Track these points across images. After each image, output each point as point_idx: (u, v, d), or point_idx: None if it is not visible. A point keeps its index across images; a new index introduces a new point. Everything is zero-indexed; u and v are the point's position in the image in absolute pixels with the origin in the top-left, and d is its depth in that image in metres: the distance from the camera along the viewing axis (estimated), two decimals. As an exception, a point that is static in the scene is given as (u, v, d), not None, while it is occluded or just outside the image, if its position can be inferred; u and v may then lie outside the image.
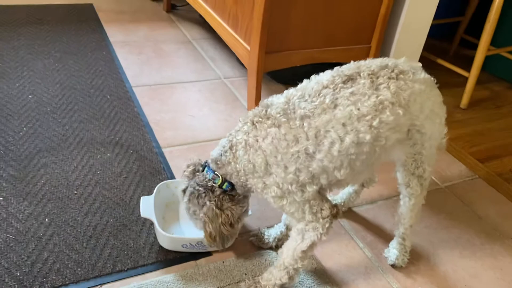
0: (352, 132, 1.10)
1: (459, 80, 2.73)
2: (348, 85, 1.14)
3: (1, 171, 1.63)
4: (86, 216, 1.50)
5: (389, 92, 1.13)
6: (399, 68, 1.18)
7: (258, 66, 2.05)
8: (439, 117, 1.27)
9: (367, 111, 1.11)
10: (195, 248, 1.39)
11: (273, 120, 1.14)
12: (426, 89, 1.21)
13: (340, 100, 1.12)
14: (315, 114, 1.11)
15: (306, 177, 1.13)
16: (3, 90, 2.09)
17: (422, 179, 1.34)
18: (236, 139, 1.19)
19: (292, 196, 1.16)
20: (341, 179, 1.16)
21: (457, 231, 1.68)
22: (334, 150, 1.10)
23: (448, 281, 1.46)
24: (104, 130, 1.93)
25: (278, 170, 1.13)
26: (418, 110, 1.19)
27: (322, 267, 1.44)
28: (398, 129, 1.17)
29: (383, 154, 1.20)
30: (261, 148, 1.14)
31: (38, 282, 1.27)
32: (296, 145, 1.11)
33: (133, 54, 2.63)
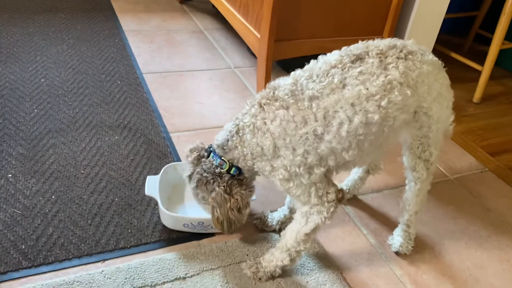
0: (361, 112, 1.09)
1: (472, 75, 2.68)
2: (357, 65, 1.12)
3: (11, 149, 1.66)
4: (92, 195, 1.52)
5: (397, 72, 1.12)
6: (407, 49, 1.17)
7: (267, 54, 2.05)
8: (446, 100, 1.25)
9: (376, 90, 1.10)
10: (196, 228, 1.40)
11: (281, 102, 1.13)
12: (434, 71, 1.19)
13: (348, 80, 1.10)
14: (323, 94, 1.10)
15: (314, 159, 1.13)
16: (17, 74, 2.13)
17: (428, 163, 1.32)
18: (243, 122, 1.18)
19: (299, 178, 1.15)
20: (348, 160, 1.16)
21: (464, 222, 1.65)
22: (343, 131, 1.09)
23: (453, 270, 1.45)
24: (113, 114, 1.95)
25: (287, 152, 1.12)
26: (426, 91, 1.17)
27: (325, 252, 1.43)
28: (405, 109, 1.15)
29: (391, 135, 1.19)
30: (270, 131, 1.13)
31: (42, 255, 1.29)
32: (304, 127, 1.10)
33: (145, 42, 2.65)
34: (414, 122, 1.23)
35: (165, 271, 1.29)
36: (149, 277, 1.26)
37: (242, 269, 1.32)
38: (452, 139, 2.15)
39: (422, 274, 1.42)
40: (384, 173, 1.82)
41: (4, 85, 2.03)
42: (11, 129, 1.76)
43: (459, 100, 2.54)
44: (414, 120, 1.22)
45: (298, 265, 1.36)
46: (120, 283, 1.24)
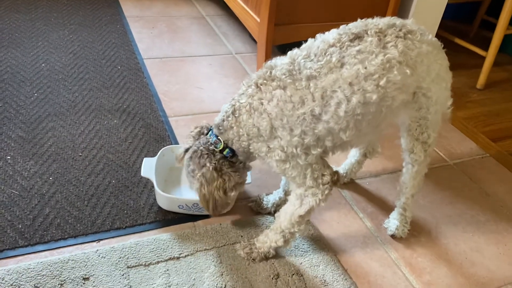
0: (359, 92, 1.08)
1: (476, 61, 2.65)
2: (355, 43, 1.11)
3: (10, 132, 1.67)
4: (89, 177, 1.53)
5: (396, 50, 1.10)
6: (407, 28, 1.15)
7: (267, 38, 2.03)
8: (445, 81, 1.24)
9: (375, 70, 1.08)
10: (191, 210, 1.40)
11: (278, 82, 1.11)
12: (433, 51, 1.18)
13: (347, 59, 1.09)
14: (321, 74, 1.09)
15: (311, 140, 1.12)
16: (18, 58, 2.14)
17: (426, 145, 1.31)
18: (239, 103, 1.17)
19: (295, 159, 1.15)
20: (346, 140, 1.15)
21: (462, 207, 1.64)
22: (341, 111, 1.08)
23: (448, 254, 1.44)
24: (113, 98, 1.96)
25: (284, 133, 1.12)
26: (425, 72, 1.16)
27: (319, 234, 1.43)
28: (404, 89, 1.14)
29: (389, 115, 1.18)
30: (267, 111, 1.12)
31: (38, 235, 1.31)
32: (302, 107, 1.09)
33: (147, 28, 2.65)
34: (413, 103, 1.22)
35: (159, 251, 1.30)
36: (144, 257, 1.28)
37: (236, 250, 1.33)
38: (453, 125, 2.13)
39: (417, 257, 1.42)
40: (382, 158, 1.81)
41: (5, 69, 2.04)
42: (11, 112, 1.78)
43: (463, 86, 2.51)
44: (413, 101, 1.21)
45: (292, 246, 1.36)
46: (114, 262, 1.25)
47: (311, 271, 1.30)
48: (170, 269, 1.26)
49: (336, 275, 1.30)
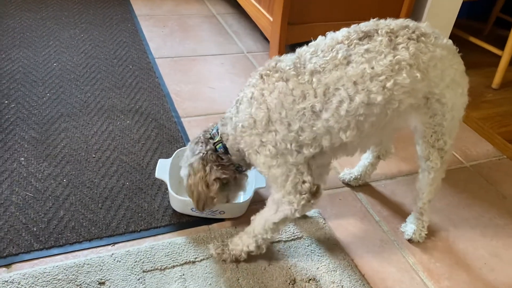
0: (363, 92, 1.05)
1: (491, 60, 2.61)
2: (364, 42, 1.07)
3: (23, 133, 1.67)
4: (103, 179, 1.52)
5: (407, 53, 1.07)
6: (420, 30, 1.11)
7: (280, 37, 2.01)
8: (461, 87, 1.19)
9: (382, 70, 1.05)
10: (204, 213, 1.39)
11: (282, 74, 1.09)
12: (448, 56, 1.14)
13: (353, 57, 1.06)
14: (326, 69, 1.06)
15: (307, 138, 1.09)
16: (30, 58, 2.13)
17: (442, 152, 1.28)
18: (243, 93, 1.16)
19: (284, 157, 1.11)
20: (346, 141, 1.11)
21: (479, 210, 1.62)
22: (342, 110, 1.05)
23: (467, 259, 1.42)
24: (125, 98, 1.95)
25: (281, 127, 1.08)
26: (439, 77, 1.13)
27: (336, 238, 1.41)
28: (413, 94, 1.11)
29: (395, 119, 1.15)
30: (266, 102, 1.09)
31: (53, 238, 1.30)
32: (303, 102, 1.06)
33: (157, 27, 2.63)
34: (426, 109, 1.18)
35: (174, 255, 1.29)
36: (159, 261, 1.27)
37: (208, 249, 1.31)
38: (469, 126, 2.10)
39: (435, 262, 1.39)
40: (398, 160, 1.79)
41: (17, 69, 2.04)
42: (23, 113, 1.77)
43: (478, 85, 2.47)
44: (426, 107, 1.17)
45: (308, 251, 1.34)
46: (130, 266, 1.24)
47: (328, 277, 1.29)
48: (186, 273, 1.24)
49: (354, 280, 1.29)
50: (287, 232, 1.41)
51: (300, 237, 1.40)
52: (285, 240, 1.38)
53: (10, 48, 2.19)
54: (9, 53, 2.15)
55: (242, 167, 1.28)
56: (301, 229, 1.43)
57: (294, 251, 1.35)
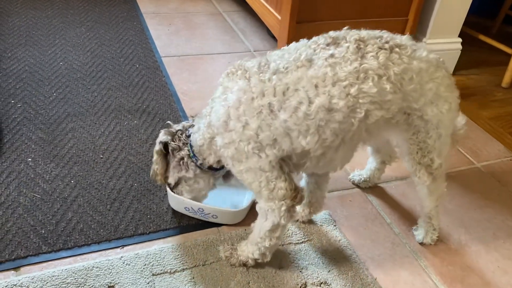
0: (324, 95, 1.00)
1: (501, 59, 2.58)
2: (331, 48, 1.04)
3: (30, 133, 1.65)
4: (111, 180, 1.50)
5: (376, 62, 1.02)
6: (395, 41, 1.06)
7: (288, 36, 1.99)
8: (448, 102, 1.12)
9: (345, 76, 1.00)
10: (197, 214, 1.37)
11: (245, 72, 1.07)
12: (428, 69, 1.08)
13: (316, 61, 1.02)
14: (288, 70, 1.03)
15: (266, 137, 1.05)
16: (36, 57, 2.12)
17: (430, 169, 1.22)
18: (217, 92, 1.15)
19: (249, 161, 1.08)
20: (308, 149, 1.06)
21: (491, 211, 1.59)
22: (300, 112, 1.01)
23: (480, 261, 1.40)
24: (132, 97, 1.93)
25: (238, 124, 1.05)
26: (417, 91, 1.07)
27: (347, 240, 1.40)
28: (385, 106, 1.05)
29: (365, 133, 1.09)
30: (227, 99, 1.07)
31: (61, 240, 1.29)
32: (261, 99, 1.03)
33: (163, 25, 2.62)
34: (406, 126, 1.13)
35: (184, 258, 1.27)
36: (169, 264, 1.25)
37: (218, 251, 1.30)
38: (479, 125, 2.07)
39: (447, 265, 1.37)
40: (408, 160, 1.76)
41: (23, 68, 2.02)
42: (30, 113, 1.76)
43: (487, 84, 2.44)
44: (406, 123, 1.13)
45: (319, 253, 1.33)
46: (139, 270, 1.22)
47: (339, 280, 1.27)
48: (196, 276, 1.23)
49: (365, 284, 1.27)
50: (297, 235, 1.39)
51: (310, 240, 1.38)
52: (296, 242, 1.37)
53: (16, 47, 2.18)
54: (15, 52, 2.13)
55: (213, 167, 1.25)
56: (311, 231, 1.41)
57: (304, 254, 1.33)
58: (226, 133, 1.09)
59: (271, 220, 1.16)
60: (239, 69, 1.10)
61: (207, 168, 1.26)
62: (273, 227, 1.17)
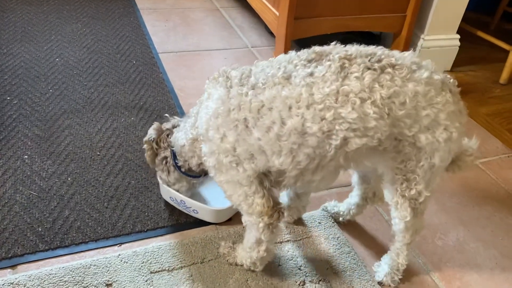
0: (297, 117, 0.94)
1: (499, 55, 2.58)
2: (311, 65, 0.97)
3: (26, 130, 1.64)
4: (108, 177, 1.49)
5: (359, 83, 0.92)
6: (390, 60, 0.95)
7: (286, 32, 1.98)
8: (447, 132, 0.99)
9: (321, 98, 0.92)
10: (179, 205, 1.37)
11: (227, 80, 1.03)
12: (427, 93, 0.96)
13: (293, 79, 0.96)
14: (265, 86, 0.97)
15: (243, 151, 1.00)
16: (31, 53, 2.10)
17: (415, 203, 1.09)
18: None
19: (228, 173, 1.05)
20: (283, 169, 1.01)
21: (490, 209, 1.59)
22: (273, 132, 0.96)
23: (478, 259, 1.40)
24: (129, 94, 1.92)
25: (216, 135, 1.02)
26: (411, 117, 0.96)
27: (345, 237, 1.39)
28: (368, 133, 0.94)
29: (344, 160, 1.00)
30: (208, 107, 1.04)
31: (58, 238, 1.28)
32: (237, 113, 0.99)
33: (160, 21, 2.60)
34: (394, 153, 1.02)
35: (182, 255, 1.27)
36: (167, 262, 1.24)
37: (218, 246, 1.29)
38: (477, 122, 2.07)
39: (446, 262, 1.37)
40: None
41: (19, 64, 2.01)
42: (26, 110, 1.74)
43: (485, 81, 2.44)
44: (395, 150, 1.02)
45: (317, 251, 1.32)
46: (137, 267, 1.22)
47: (338, 277, 1.27)
48: (194, 274, 1.22)
49: (364, 281, 1.26)
50: (295, 232, 1.39)
51: (309, 237, 1.38)
52: (294, 240, 1.36)
53: (11, 42, 2.16)
54: (10, 48, 2.11)
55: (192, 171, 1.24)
56: (310, 228, 1.40)
57: (303, 251, 1.33)
58: (208, 142, 1.06)
59: (253, 235, 1.14)
60: (221, 75, 1.06)
61: (185, 173, 1.25)
62: (257, 241, 1.14)
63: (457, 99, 1.02)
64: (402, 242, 1.20)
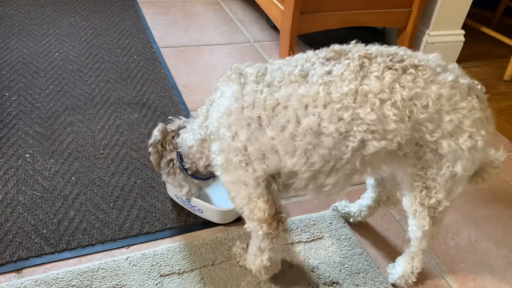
0: (313, 117, 0.90)
1: (502, 51, 2.57)
2: (329, 63, 0.93)
3: (27, 128, 1.59)
4: (113, 176, 1.45)
5: (378, 83, 0.88)
6: (412, 61, 0.92)
7: (292, 27, 1.94)
8: (471, 139, 0.94)
9: (339, 98, 0.89)
10: (185, 204, 1.34)
11: (240, 77, 0.99)
12: (452, 97, 0.92)
13: (310, 77, 0.92)
14: (281, 84, 0.94)
15: (255, 151, 0.96)
16: (30, 47, 2.04)
17: (434, 211, 1.06)
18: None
19: (235, 173, 1.00)
20: (295, 170, 0.97)
21: (500, 208, 1.58)
22: (287, 131, 0.92)
23: (490, 259, 1.38)
24: (131, 90, 1.87)
25: (227, 134, 0.98)
26: (433, 122, 0.93)
27: (356, 238, 1.37)
28: (387, 136, 0.91)
29: (361, 164, 0.96)
30: (219, 104, 1.00)
31: (64, 240, 1.24)
32: (251, 111, 0.95)
33: (160, 14, 2.54)
34: (415, 159, 0.99)
35: (192, 257, 1.24)
36: (177, 264, 1.21)
37: (231, 246, 1.27)
38: (483, 119, 2.05)
39: (459, 262, 1.36)
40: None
41: (17, 59, 1.95)
42: (26, 106, 1.69)
43: (489, 77, 2.42)
44: (416, 156, 0.99)
45: (329, 252, 1.30)
46: (147, 271, 1.18)
47: (351, 280, 1.24)
48: (205, 277, 1.19)
49: (378, 283, 1.24)
50: (306, 233, 1.36)
51: (320, 238, 1.35)
52: (305, 241, 1.34)
53: (8, 36, 2.10)
54: (7, 42, 2.05)
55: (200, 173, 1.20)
56: (321, 229, 1.38)
57: (315, 253, 1.30)
58: (218, 140, 1.01)
59: (255, 241, 1.10)
60: (234, 72, 1.02)
61: (192, 175, 1.20)
62: (258, 249, 1.10)
63: (485, 106, 0.98)
64: (418, 248, 1.18)
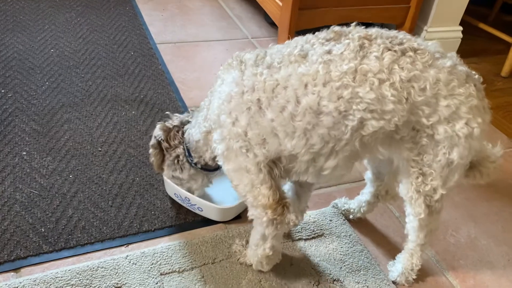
0: (312, 95, 0.90)
1: (498, 48, 2.57)
2: (330, 43, 0.93)
3: (23, 125, 1.57)
4: (112, 174, 1.44)
5: (378, 63, 0.89)
6: (411, 44, 0.93)
7: (290, 23, 1.93)
8: (468, 126, 0.95)
9: (339, 76, 0.89)
10: (184, 202, 1.33)
11: (240, 64, 0.99)
12: (449, 82, 0.92)
13: (310, 57, 0.92)
14: (281, 65, 0.94)
15: (255, 136, 0.96)
16: (25, 43, 2.02)
17: (430, 200, 1.06)
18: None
19: (237, 160, 1.00)
20: (295, 153, 0.97)
21: (499, 204, 1.58)
22: (286, 112, 0.92)
23: (490, 255, 1.38)
24: (129, 87, 1.85)
25: (228, 120, 0.98)
26: (430, 106, 0.93)
27: (357, 235, 1.36)
28: (385, 117, 0.92)
29: (360, 145, 0.96)
30: (220, 92, 1.00)
31: (63, 239, 1.22)
32: (251, 94, 0.95)
33: (157, 10, 2.52)
34: (411, 144, 0.99)
35: (192, 255, 1.23)
36: (177, 262, 1.20)
37: (231, 243, 1.27)
38: (481, 115, 2.05)
39: (459, 259, 1.36)
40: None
41: (12, 55, 1.92)
42: (22, 103, 1.67)
43: (487, 73, 2.42)
44: (412, 141, 0.99)
45: (330, 249, 1.30)
46: (147, 269, 1.17)
47: (352, 277, 1.24)
48: (206, 275, 1.19)
49: (378, 280, 1.24)
50: (307, 230, 1.35)
51: (320, 235, 1.35)
52: (306, 238, 1.33)
53: (3, 32, 2.07)
54: (2, 38, 2.03)
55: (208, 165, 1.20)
56: (321, 226, 1.37)
57: (315, 250, 1.30)
58: (219, 128, 1.01)
59: (258, 230, 1.10)
60: (235, 59, 1.02)
61: (202, 168, 1.21)
62: (261, 237, 1.10)
63: (482, 96, 0.99)
64: (416, 243, 1.18)
